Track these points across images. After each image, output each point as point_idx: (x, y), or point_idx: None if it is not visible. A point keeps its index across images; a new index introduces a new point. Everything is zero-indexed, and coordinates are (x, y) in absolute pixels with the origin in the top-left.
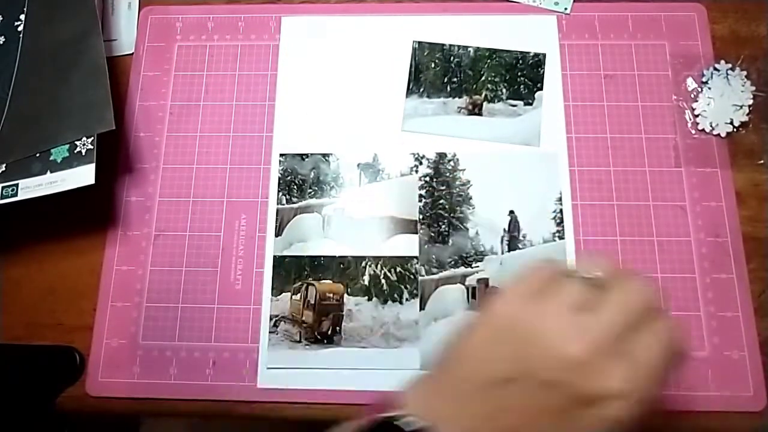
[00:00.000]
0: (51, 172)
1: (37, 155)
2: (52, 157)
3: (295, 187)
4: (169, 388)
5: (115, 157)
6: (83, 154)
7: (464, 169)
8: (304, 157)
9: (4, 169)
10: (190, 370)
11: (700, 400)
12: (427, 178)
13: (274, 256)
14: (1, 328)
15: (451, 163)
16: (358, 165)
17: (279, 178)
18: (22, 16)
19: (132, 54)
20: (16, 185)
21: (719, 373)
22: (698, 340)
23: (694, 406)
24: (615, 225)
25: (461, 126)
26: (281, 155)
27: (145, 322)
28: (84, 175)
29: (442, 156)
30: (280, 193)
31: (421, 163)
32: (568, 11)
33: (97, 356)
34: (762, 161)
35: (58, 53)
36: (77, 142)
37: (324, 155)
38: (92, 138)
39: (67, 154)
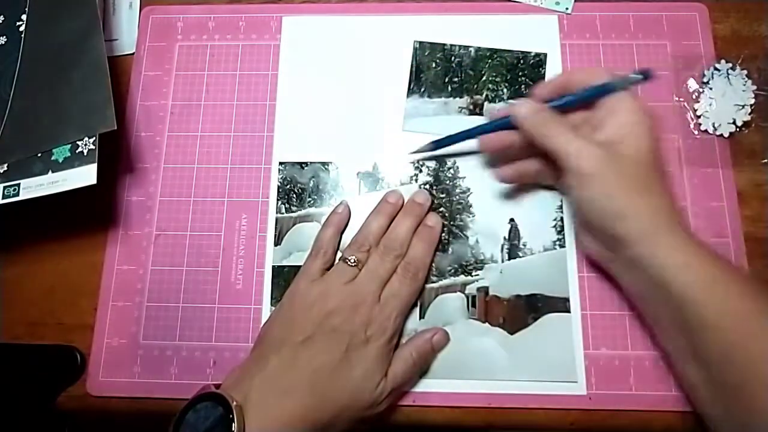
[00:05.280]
0: (53, 172)
1: (39, 155)
2: (53, 157)
3: (295, 195)
4: (169, 388)
5: (116, 156)
6: (85, 153)
7: (464, 177)
8: (303, 165)
9: (5, 169)
10: (191, 369)
11: None
12: (427, 186)
13: (273, 266)
14: (2, 328)
15: (451, 170)
16: (358, 174)
17: (278, 187)
18: (24, 16)
19: (133, 54)
20: (18, 185)
21: None
22: None
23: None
24: None
25: (462, 126)
26: (281, 163)
27: (145, 322)
28: (86, 175)
29: (441, 164)
30: (279, 202)
31: (420, 171)
32: (569, 11)
33: (97, 356)
34: (765, 161)
35: (60, 53)
36: (79, 142)
37: (323, 164)
38: (94, 138)
39: (69, 154)
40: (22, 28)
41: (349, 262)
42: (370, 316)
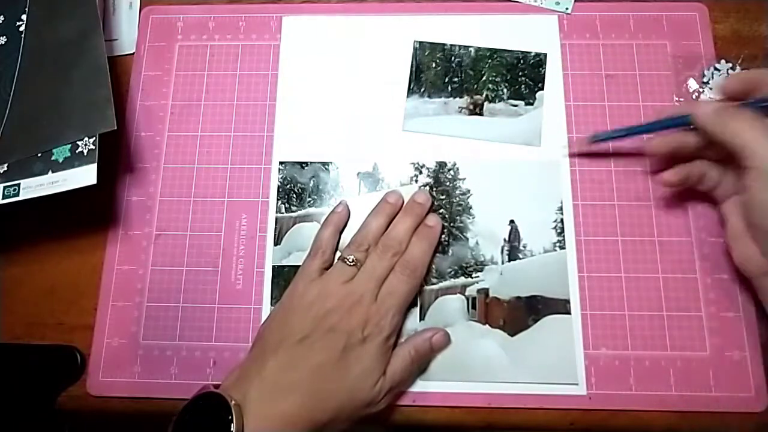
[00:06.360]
0: (53, 172)
1: (39, 155)
2: (53, 157)
3: (294, 195)
4: (169, 388)
5: (116, 156)
6: (85, 154)
7: (464, 178)
8: (303, 165)
9: (5, 169)
10: (191, 369)
11: (701, 400)
12: (427, 188)
13: (273, 266)
14: (2, 328)
15: (451, 172)
16: (358, 174)
17: (278, 187)
18: (24, 16)
19: (133, 54)
20: (18, 185)
21: (720, 373)
22: (699, 340)
23: (696, 406)
24: (616, 225)
25: (462, 126)
26: (281, 163)
27: (145, 322)
28: (86, 175)
29: (442, 165)
30: (279, 202)
31: (420, 172)
32: (569, 11)
33: (97, 356)
34: None
35: (60, 53)
36: (79, 142)
37: (324, 164)
38: (94, 138)
39: (69, 154)
40: (22, 28)
41: (347, 262)
42: (366, 314)
